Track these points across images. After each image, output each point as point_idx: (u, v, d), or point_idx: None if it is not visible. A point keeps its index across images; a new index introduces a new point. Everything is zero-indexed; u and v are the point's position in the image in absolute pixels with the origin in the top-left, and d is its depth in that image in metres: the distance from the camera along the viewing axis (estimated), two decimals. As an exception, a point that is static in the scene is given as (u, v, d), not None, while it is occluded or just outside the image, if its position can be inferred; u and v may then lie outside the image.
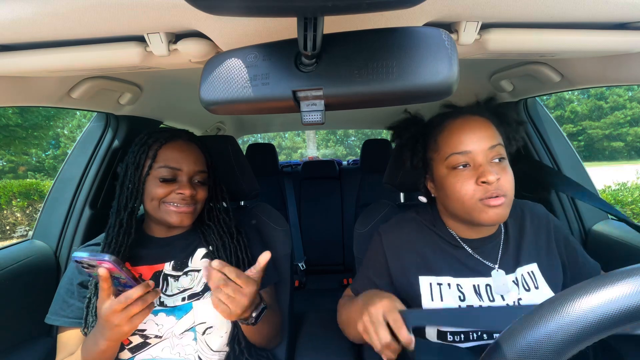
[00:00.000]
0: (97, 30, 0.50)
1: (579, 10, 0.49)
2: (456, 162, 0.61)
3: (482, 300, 0.63)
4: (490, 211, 0.59)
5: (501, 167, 0.60)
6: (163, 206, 0.73)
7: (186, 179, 0.74)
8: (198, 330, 0.72)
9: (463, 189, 0.60)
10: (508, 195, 0.59)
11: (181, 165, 0.73)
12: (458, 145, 0.61)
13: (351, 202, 2.13)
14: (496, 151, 0.60)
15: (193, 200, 0.74)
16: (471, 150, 0.60)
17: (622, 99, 22.33)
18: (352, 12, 0.28)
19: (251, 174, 1.04)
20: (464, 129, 0.62)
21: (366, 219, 0.96)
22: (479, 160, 0.60)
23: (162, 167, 0.72)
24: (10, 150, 9.94)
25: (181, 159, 0.74)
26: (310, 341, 0.90)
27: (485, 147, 0.60)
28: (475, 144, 0.60)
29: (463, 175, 0.61)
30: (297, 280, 1.99)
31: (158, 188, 0.72)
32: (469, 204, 0.60)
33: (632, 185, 4.66)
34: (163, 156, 0.73)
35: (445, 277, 0.66)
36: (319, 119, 0.37)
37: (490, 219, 0.59)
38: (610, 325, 0.26)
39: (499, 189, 0.58)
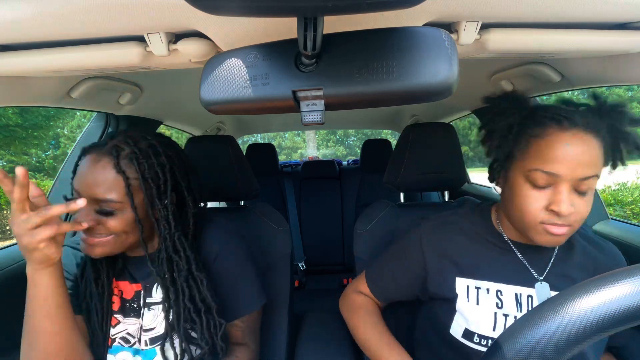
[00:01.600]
0: (97, 30, 0.50)
1: (579, 10, 0.49)
2: (538, 178, 0.55)
3: (520, 311, 0.60)
4: (548, 237, 0.55)
5: (581, 200, 0.54)
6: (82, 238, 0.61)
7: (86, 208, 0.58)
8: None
9: (531, 206, 0.56)
10: (573, 226, 0.55)
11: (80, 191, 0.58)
12: (549, 163, 0.53)
13: (351, 202, 2.13)
14: (586, 184, 0.53)
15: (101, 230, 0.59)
16: (561, 174, 0.53)
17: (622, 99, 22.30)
18: (352, 12, 0.28)
19: (251, 174, 1.04)
20: (565, 149, 0.52)
21: (366, 219, 0.96)
22: (561, 186, 0.53)
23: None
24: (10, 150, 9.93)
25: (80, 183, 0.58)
26: (310, 341, 0.90)
27: (577, 177, 0.52)
28: (568, 170, 0.52)
29: (537, 194, 0.55)
30: (297, 280, 2.00)
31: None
32: (529, 222, 0.56)
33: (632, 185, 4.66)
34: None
35: (485, 281, 0.63)
36: (319, 119, 0.37)
37: (545, 243, 0.56)
38: (611, 325, 0.26)
39: (569, 219, 0.54)
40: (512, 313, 0.60)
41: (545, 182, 0.54)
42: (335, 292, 1.91)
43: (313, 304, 1.75)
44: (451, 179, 0.95)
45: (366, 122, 2.57)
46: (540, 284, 0.61)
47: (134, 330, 0.67)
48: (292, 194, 2.16)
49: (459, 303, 0.64)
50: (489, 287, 0.63)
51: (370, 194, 2.11)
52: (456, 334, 0.64)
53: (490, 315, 0.61)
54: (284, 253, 0.98)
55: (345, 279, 2.01)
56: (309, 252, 2.10)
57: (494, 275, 0.63)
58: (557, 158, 0.52)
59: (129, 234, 0.61)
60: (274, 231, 0.98)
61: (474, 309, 0.62)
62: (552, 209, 0.53)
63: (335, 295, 0.91)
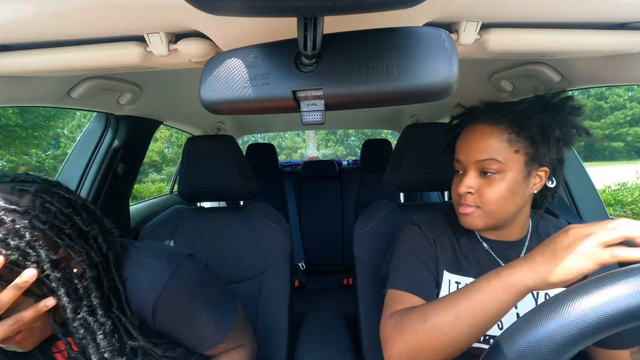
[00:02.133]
0: (97, 30, 0.50)
1: (578, 10, 0.49)
2: (455, 166, 0.67)
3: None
4: (462, 217, 0.65)
5: (486, 180, 0.61)
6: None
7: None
8: None
9: (453, 191, 0.67)
10: (483, 208, 0.62)
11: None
12: (457, 152, 0.66)
13: (351, 202, 2.13)
14: (484, 165, 0.61)
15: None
16: (460, 160, 0.65)
17: (622, 99, 22.32)
18: (352, 12, 0.28)
19: (251, 174, 1.04)
20: (464, 139, 0.65)
21: (367, 219, 0.96)
22: (467, 170, 0.64)
23: None
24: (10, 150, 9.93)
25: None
26: (310, 341, 0.91)
27: (473, 159, 0.62)
28: (465, 155, 0.64)
29: (456, 180, 0.67)
30: (297, 280, 2.00)
31: None
32: (455, 207, 0.67)
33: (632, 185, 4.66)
34: None
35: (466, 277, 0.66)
36: (319, 119, 0.37)
37: (463, 224, 0.65)
38: (611, 325, 0.26)
39: (472, 200, 0.62)
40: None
41: (458, 168, 0.66)
42: (335, 292, 1.92)
43: (313, 304, 1.75)
44: (452, 179, 0.95)
45: (366, 122, 2.57)
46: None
47: None
48: (292, 194, 2.16)
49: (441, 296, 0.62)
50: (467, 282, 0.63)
51: (370, 194, 2.11)
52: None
53: None
54: (284, 253, 0.98)
55: (345, 279, 2.01)
56: (309, 252, 2.10)
57: (471, 271, 0.67)
58: (460, 147, 0.65)
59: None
60: (274, 231, 0.98)
61: None
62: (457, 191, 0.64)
63: (335, 296, 0.91)
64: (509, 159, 0.60)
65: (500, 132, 0.60)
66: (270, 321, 0.93)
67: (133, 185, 1.35)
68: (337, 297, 1.83)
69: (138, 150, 1.30)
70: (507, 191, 0.60)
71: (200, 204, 1.10)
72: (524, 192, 0.62)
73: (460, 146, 0.65)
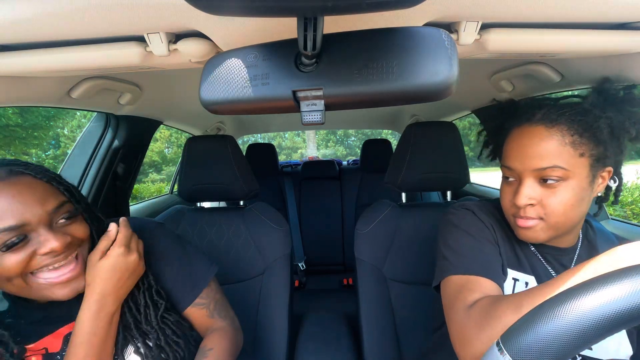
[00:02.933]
0: (97, 30, 0.50)
1: (579, 10, 0.49)
2: (505, 173, 0.59)
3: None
4: (520, 230, 0.57)
5: (549, 191, 0.53)
6: (33, 283, 0.51)
7: (44, 228, 0.50)
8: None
9: (504, 199, 0.59)
10: (547, 220, 0.54)
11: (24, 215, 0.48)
12: (507, 159, 0.57)
13: (351, 202, 2.13)
14: (545, 173, 0.53)
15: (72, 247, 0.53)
16: (514, 168, 0.56)
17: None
18: (352, 12, 0.28)
19: (251, 174, 1.04)
20: (518, 143, 0.56)
21: (367, 219, 0.96)
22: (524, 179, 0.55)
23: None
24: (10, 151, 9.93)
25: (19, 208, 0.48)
26: (310, 341, 0.90)
27: (531, 167, 0.54)
28: (519, 163, 0.55)
29: (507, 188, 0.59)
30: (297, 280, 2.00)
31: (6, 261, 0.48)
32: (507, 215, 0.60)
33: (632, 185, 4.66)
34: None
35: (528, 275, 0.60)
36: (319, 119, 0.37)
37: (522, 237, 0.57)
38: (611, 325, 0.26)
39: (534, 212, 0.54)
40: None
41: (511, 176, 0.57)
42: (335, 292, 1.92)
43: (313, 304, 1.75)
44: (454, 179, 0.95)
45: (366, 122, 2.57)
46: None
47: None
48: (292, 194, 2.16)
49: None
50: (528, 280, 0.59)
51: (370, 194, 2.11)
52: None
53: None
54: (284, 253, 0.98)
55: (345, 279, 2.01)
56: (309, 252, 2.10)
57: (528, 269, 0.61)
58: (511, 153, 0.57)
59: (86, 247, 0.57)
60: (274, 231, 0.98)
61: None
62: (514, 201, 0.56)
63: (335, 296, 0.91)
64: (573, 164, 0.52)
65: (561, 135, 0.53)
66: (270, 321, 0.93)
67: (133, 185, 1.35)
68: (337, 297, 1.83)
69: (138, 150, 1.30)
70: (574, 199, 0.53)
71: (200, 204, 1.10)
72: (589, 197, 0.55)
73: (510, 152, 0.56)
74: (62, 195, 0.54)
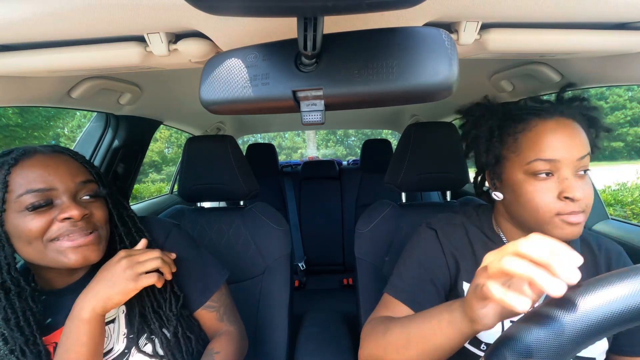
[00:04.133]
0: (97, 30, 0.50)
1: (579, 10, 0.49)
2: (539, 169, 0.55)
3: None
4: (568, 228, 0.54)
5: (585, 181, 0.55)
6: (51, 247, 0.54)
7: (68, 197, 0.55)
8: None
9: (542, 200, 0.54)
10: (586, 212, 0.54)
11: (53, 182, 0.54)
12: (546, 151, 0.54)
13: (351, 202, 2.13)
14: (584, 162, 0.54)
15: (90, 224, 0.57)
16: (560, 159, 0.53)
17: (622, 99, 22.31)
18: (352, 12, 0.28)
19: (251, 174, 1.04)
20: (556, 134, 0.54)
21: (368, 219, 0.96)
22: (564, 171, 0.54)
23: (25, 194, 0.52)
24: (10, 150, 9.94)
25: (50, 175, 0.54)
26: (310, 341, 0.91)
27: (575, 157, 0.53)
28: (566, 153, 0.53)
29: (544, 185, 0.55)
30: (297, 280, 2.00)
31: (30, 222, 0.52)
32: (544, 217, 0.55)
33: (632, 185, 4.66)
34: (20, 180, 0.53)
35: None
36: (319, 119, 0.37)
37: (566, 236, 0.55)
38: (613, 325, 0.26)
39: (581, 205, 0.53)
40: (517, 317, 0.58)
41: (548, 169, 0.54)
42: (335, 292, 1.92)
43: (313, 304, 1.75)
44: (454, 178, 0.95)
45: (366, 122, 2.57)
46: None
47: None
48: (292, 194, 2.16)
49: None
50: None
51: (370, 194, 2.11)
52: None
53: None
54: (284, 253, 0.98)
55: (345, 279, 2.01)
56: (309, 252, 2.10)
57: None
58: (552, 144, 0.54)
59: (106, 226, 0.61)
60: (274, 231, 0.98)
61: None
62: (566, 196, 0.52)
63: (335, 296, 0.91)
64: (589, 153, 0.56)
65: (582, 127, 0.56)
66: (270, 321, 0.93)
67: (133, 185, 1.35)
68: (337, 297, 1.83)
69: (138, 150, 1.30)
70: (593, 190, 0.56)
71: (200, 204, 1.10)
72: None
73: (550, 144, 0.54)
74: (90, 175, 0.60)
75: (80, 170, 0.59)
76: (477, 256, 0.64)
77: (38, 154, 0.56)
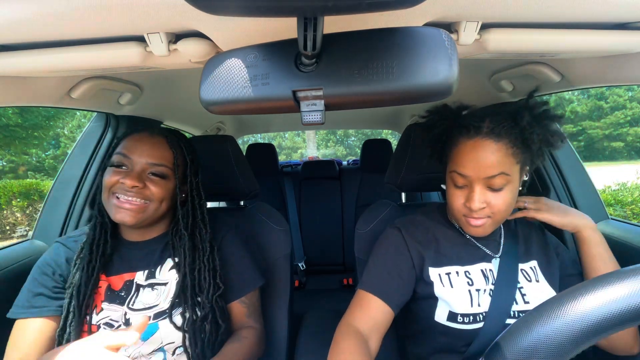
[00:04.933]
0: (97, 30, 0.50)
1: (579, 10, 0.49)
2: (455, 179, 0.67)
3: (487, 284, 0.69)
4: (471, 228, 0.67)
5: (495, 195, 0.64)
6: (110, 199, 0.67)
7: (134, 169, 0.68)
8: (167, 350, 0.69)
9: (454, 202, 0.68)
10: (494, 217, 0.65)
11: (133, 154, 0.68)
12: (460, 167, 0.65)
13: (351, 202, 2.13)
14: (494, 181, 0.63)
15: (140, 195, 0.67)
16: (469, 175, 0.64)
17: (622, 99, 22.32)
18: (352, 12, 0.28)
19: (251, 174, 1.04)
20: (470, 154, 0.64)
21: (368, 219, 0.96)
22: (474, 185, 0.64)
23: (116, 154, 0.69)
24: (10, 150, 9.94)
25: (134, 148, 0.69)
26: (310, 341, 0.90)
27: (483, 176, 0.63)
28: (474, 171, 0.63)
29: (457, 192, 0.67)
30: (297, 280, 2.00)
31: (107, 175, 0.68)
32: (455, 215, 0.70)
33: (632, 186, 4.67)
34: (122, 145, 0.70)
35: (453, 266, 0.71)
36: (319, 119, 0.37)
37: (473, 233, 0.68)
38: (612, 325, 0.26)
39: (484, 213, 0.65)
40: (482, 287, 0.68)
41: (462, 183, 0.66)
42: (335, 292, 1.92)
43: (313, 304, 1.75)
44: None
45: (366, 122, 2.57)
46: (496, 259, 0.72)
47: (117, 317, 0.68)
48: (292, 194, 2.15)
49: (437, 290, 0.69)
50: (457, 270, 0.71)
51: (370, 194, 2.11)
52: (441, 319, 0.68)
53: (465, 294, 0.67)
54: (284, 253, 0.98)
55: (345, 279, 2.01)
56: (309, 252, 2.10)
57: (458, 260, 0.72)
58: (465, 162, 0.64)
59: (162, 203, 0.71)
60: (274, 231, 0.98)
61: (450, 291, 0.68)
62: (467, 205, 0.65)
63: (335, 295, 0.91)
64: (513, 170, 0.63)
65: (505, 147, 0.62)
66: (270, 321, 0.93)
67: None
68: (337, 297, 1.83)
69: (138, 150, 1.29)
70: (512, 198, 0.65)
71: (200, 204, 1.10)
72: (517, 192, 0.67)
73: (464, 162, 0.64)
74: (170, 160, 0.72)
75: (161, 154, 0.71)
76: (439, 243, 0.74)
77: (143, 132, 0.72)
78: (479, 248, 0.74)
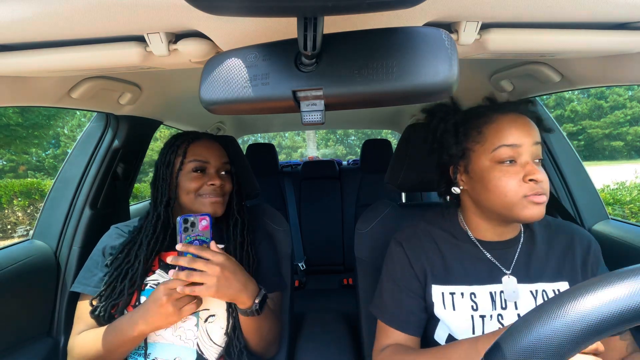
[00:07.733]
0: (97, 30, 0.50)
1: (579, 10, 0.49)
2: (503, 155, 0.60)
3: (495, 309, 0.63)
4: (535, 208, 0.58)
5: (541, 168, 0.61)
6: (198, 199, 0.80)
7: (214, 171, 0.82)
8: (201, 317, 0.74)
9: (509, 184, 0.59)
10: (547, 195, 0.60)
11: (208, 158, 0.82)
12: (509, 137, 0.60)
13: (351, 202, 2.13)
14: (539, 149, 0.61)
15: (222, 191, 0.82)
16: (521, 143, 0.59)
17: (622, 99, 22.32)
18: (352, 12, 0.28)
19: (251, 174, 1.04)
20: (516, 122, 0.61)
21: (368, 218, 0.96)
22: (525, 157, 0.60)
23: (192, 162, 0.80)
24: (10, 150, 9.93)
25: (208, 154, 0.82)
26: (310, 341, 0.91)
27: (533, 141, 0.60)
28: (525, 138, 0.60)
29: (509, 170, 0.60)
30: (297, 280, 2.00)
31: (191, 182, 0.79)
32: (512, 200, 0.59)
33: (631, 185, 4.67)
34: (192, 152, 0.81)
35: (458, 285, 0.66)
36: (319, 119, 0.37)
37: (532, 216, 0.59)
38: (612, 325, 0.26)
39: (543, 186, 0.59)
40: (488, 313, 0.63)
41: (510, 156, 0.60)
42: (335, 292, 1.92)
43: (313, 304, 1.75)
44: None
45: (366, 122, 2.57)
46: (508, 278, 0.65)
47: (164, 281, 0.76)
48: (292, 194, 2.15)
49: (437, 311, 0.66)
50: (463, 290, 0.66)
51: (370, 194, 2.11)
52: (440, 340, 0.66)
53: (467, 319, 0.63)
54: (284, 253, 0.98)
55: (345, 279, 2.01)
56: (309, 252, 2.10)
57: (465, 278, 0.66)
58: (513, 131, 0.60)
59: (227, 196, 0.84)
60: (274, 231, 0.98)
61: (451, 314, 0.64)
62: (530, 178, 0.58)
63: (335, 296, 0.91)
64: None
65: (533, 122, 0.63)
66: (270, 321, 0.93)
67: (133, 185, 1.35)
68: (337, 297, 1.83)
69: (138, 150, 1.30)
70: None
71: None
72: None
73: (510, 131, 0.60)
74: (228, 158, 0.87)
75: (223, 153, 0.85)
76: (445, 257, 0.69)
77: (203, 138, 0.85)
78: (491, 264, 0.67)
